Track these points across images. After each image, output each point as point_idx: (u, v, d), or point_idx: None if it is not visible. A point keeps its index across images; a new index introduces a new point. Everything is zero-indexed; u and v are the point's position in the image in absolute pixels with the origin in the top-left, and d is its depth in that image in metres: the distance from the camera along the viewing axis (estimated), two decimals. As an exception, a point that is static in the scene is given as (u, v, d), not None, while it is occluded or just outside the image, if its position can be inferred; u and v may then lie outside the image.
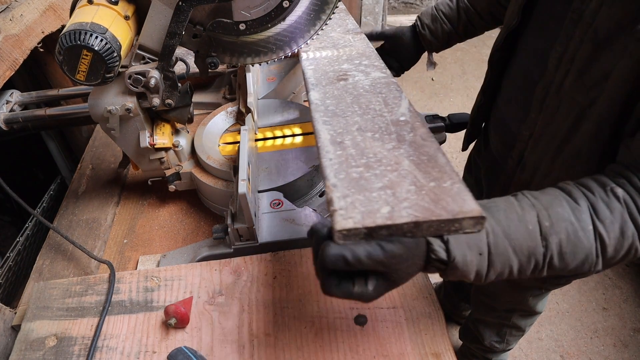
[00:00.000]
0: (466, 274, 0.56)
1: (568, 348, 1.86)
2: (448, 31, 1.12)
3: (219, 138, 1.18)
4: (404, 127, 0.70)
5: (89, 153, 1.33)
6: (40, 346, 0.80)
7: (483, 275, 0.57)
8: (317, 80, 0.88)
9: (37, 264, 1.02)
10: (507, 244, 0.56)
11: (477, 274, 0.57)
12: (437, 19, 1.12)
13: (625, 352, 1.84)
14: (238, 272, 0.88)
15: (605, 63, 0.68)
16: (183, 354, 0.75)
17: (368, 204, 0.55)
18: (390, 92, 0.81)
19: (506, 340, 1.44)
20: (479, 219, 0.51)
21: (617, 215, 0.58)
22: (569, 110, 0.76)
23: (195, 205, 1.15)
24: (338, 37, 1.08)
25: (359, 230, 0.52)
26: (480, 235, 0.56)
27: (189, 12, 0.86)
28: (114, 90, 0.96)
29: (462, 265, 0.55)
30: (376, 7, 3.37)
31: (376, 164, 0.62)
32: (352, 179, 0.60)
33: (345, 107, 0.77)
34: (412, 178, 0.59)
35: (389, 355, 0.75)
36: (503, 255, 0.56)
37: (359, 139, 0.68)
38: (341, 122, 0.73)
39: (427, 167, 0.60)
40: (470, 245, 0.55)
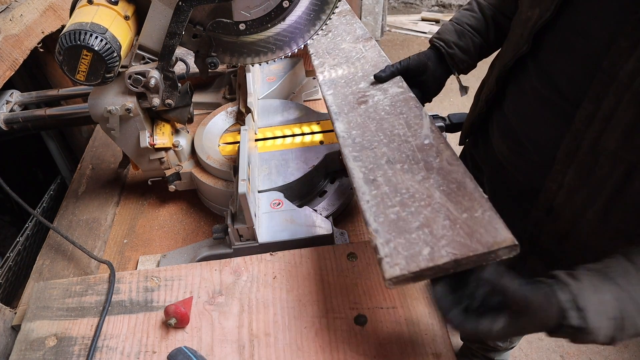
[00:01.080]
0: (597, 339, 0.58)
1: (568, 348, 1.86)
2: (480, 44, 0.99)
3: (219, 138, 1.18)
4: (430, 151, 0.72)
5: (89, 153, 1.33)
6: (40, 346, 0.80)
7: (614, 338, 0.59)
8: (339, 107, 0.89)
9: (37, 264, 1.02)
10: (633, 307, 0.58)
11: (606, 337, 0.58)
12: (464, 34, 0.99)
13: (625, 352, 1.84)
14: (238, 272, 0.88)
15: None
16: (183, 354, 0.75)
17: (409, 247, 0.59)
18: (411, 110, 0.83)
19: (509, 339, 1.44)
20: (513, 247, 0.55)
21: None
22: (613, 165, 0.73)
23: (195, 205, 1.15)
24: (349, 49, 1.08)
25: (405, 276, 0.56)
26: (611, 303, 0.58)
27: (189, 12, 0.86)
28: (114, 90, 0.96)
29: (596, 332, 0.57)
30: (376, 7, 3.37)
31: (410, 200, 0.65)
32: (390, 221, 0.63)
33: (371, 136, 0.79)
34: (445, 211, 0.62)
35: (389, 355, 0.75)
36: (632, 319, 0.58)
37: (389, 173, 0.71)
38: (370, 156, 0.75)
39: (458, 196, 0.63)
40: (607, 312, 0.58)
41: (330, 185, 1.10)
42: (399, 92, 0.88)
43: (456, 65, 1.00)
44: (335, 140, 1.12)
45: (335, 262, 0.87)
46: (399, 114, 0.83)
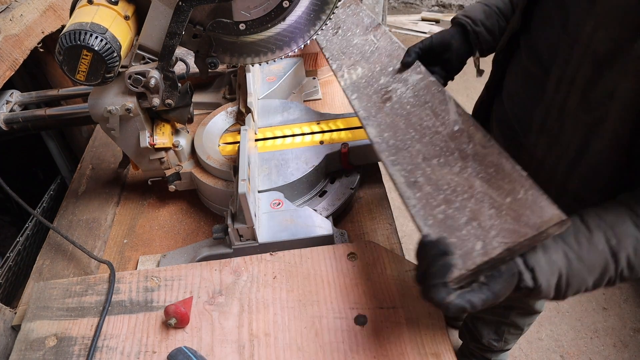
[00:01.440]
0: (547, 295, 0.62)
1: (568, 348, 1.86)
2: (504, 28, 0.97)
3: (219, 138, 1.18)
4: (461, 138, 0.72)
5: (89, 153, 1.33)
6: (40, 346, 0.80)
7: (561, 294, 0.63)
8: (367, 111, 0.89)
9: (37, 264, 1.02)
10: (581, 266, 0.61)
11: (556, 294, 0.62)
12: (492, 15, 0.98)
13: (625, 352, 1.84)
14: (238, 272, 0.88)
15: (608, 82, 0.68)
16: (183, 354, 0.75)
17: (462, 244, 0.59)
18: (434, 96, 0.82)
19: (504, 338, 1.43)
20: (562, 222, 0.55)
21: None
22: (574, 130, 0.76)
23: (195, 205, 1.15)
24: (362, 43, 1.08)
25: (465, 275, 0.57)
26: (560, 260, 0.61)
27: (189, 12, 0.86)
28: (114, 90, 0.96)
29: (545, 289, 0.61)
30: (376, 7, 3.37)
31: (453, 195, 0.65)
32: (439, 221, 0.64)
33: (402, 135, 0.79)
34: (488, 200, 0.62)
35: (389, 355, 0.75)
36: (579, 277, 0.62)
37: (428, 171, 0.71)
38: (406, 157, 0.75)
39: (498, 180, 0.63)
40: (553, 271, 0.61)
41: (330, 185, 1.10)
42: (418, 79, 0.87)
43: (479, 45, 0.98)
44: (335, 140, 1.12)
45: (335, 262, 0.87)
46: (424, 104, 0.82)
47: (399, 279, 0.85)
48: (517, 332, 1.41)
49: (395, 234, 1.01)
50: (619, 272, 0.62)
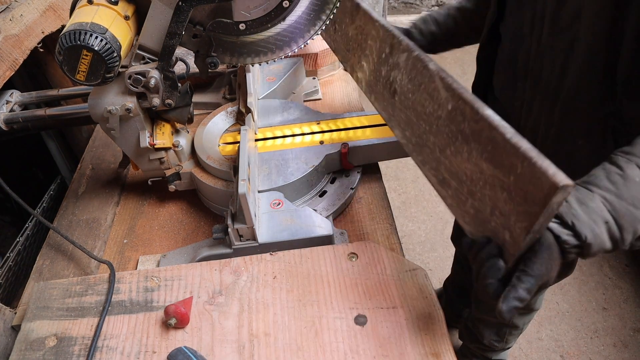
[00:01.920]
0: (603, 245, 0.59)
1: (568, 348, 1.86)
2: (433, 32, 1.17)
3: (219, 138, 1.18)
4: (457, 117, 0.70)
5: (89, 153, 1.33)
6: (40, 346, 0.80)
7: (618, 240, 0.59)
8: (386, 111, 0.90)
9: (37, 264, 1.02)
10: (625, 204, 0.59)
11: (613, 241, 0.59)
12: (427, 21, 1.18)
13: (625, 352, 1.83)
14: (238, 272, 0.88)
15: (572, 5, 0.74)
16: (183, 354, 0.75)
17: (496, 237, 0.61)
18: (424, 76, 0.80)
19: (505, 339, 1.44)
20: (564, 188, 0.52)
21: None
22: (552, 60, 0.82)
23: (195, 205, 1.15)
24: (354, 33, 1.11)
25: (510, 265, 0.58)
26: (599, 207, 0.59)
27: (189, 12, 0.86)
28: (114, 90, 0.96)
29: (594, 239, 0.58)
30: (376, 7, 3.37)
31: (472, 185, 0.66)
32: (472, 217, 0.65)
33: (418, 129, 0.80)
34: (498, 182, 0.61)
35: (389, 355, 0.75)
36: (628, 216, 0.59)
37: (447, 164, 0.71)
38: (428, 153, 0.76)
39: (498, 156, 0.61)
40: (595, 220, 0.59)
41: (330, 185, 1.10)
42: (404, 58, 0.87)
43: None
44: (335, 140, 1.12)
45: (335, 262, 0.87)
46: (419, 88, 0.81)
47: (399, 279, 0.85)
48: (517, 331, 1.42)
49: (395, 234, 1.01)
50: None
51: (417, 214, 2.44)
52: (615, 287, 2.06)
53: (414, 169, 2.69)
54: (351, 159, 1.10)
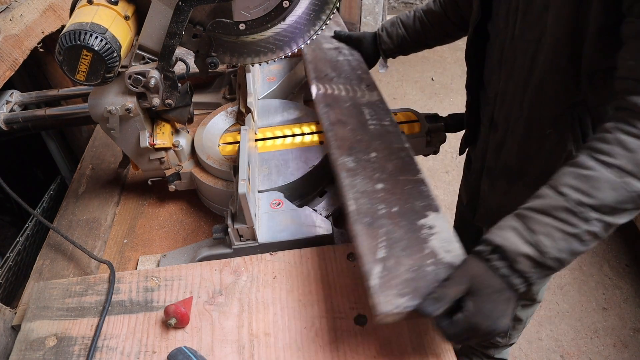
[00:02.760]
0: (516, 248, 0.63)
1: (568, 348, 1.86)
2: (402, 35, 1.21)
3: (219, 138, 1.18)
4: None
5: (89, 153, 1.33)
6: (40, 346, 0.80)
7: (534, 243, 0.63)
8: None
9: (37, 264, 1.02)
10: (531, 212, 0.64)
11: (531, 245, 0.63)
12: (394, 24, 1.23)
13: (625, 352, 1.83)
14: (238, 272, 0.88)
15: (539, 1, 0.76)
16: (183, 354, 0.75)
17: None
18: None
19: (509, 334, 1.44)
20: (383, 316, 0.65)
21: (615, 140, 0.63)
22: (524, 52, 0.85)
23: (195, 205, 1.15)
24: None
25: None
26: (507, 219, 0.66)
27: (189, 12, 0.86)
28: (114, 90, 0.96)
29: (504, 242, 0.64)
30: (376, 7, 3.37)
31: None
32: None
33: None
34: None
35: (389, 355, 0.75)
36: (535, 220, 0.64)
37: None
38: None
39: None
40: (502, 227, 0.66)
41: (330, 185, 1.10)
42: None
43: (380, 45, 1.25)
44: (335, 140, 1.13)
45: (335, 262, 0.87)
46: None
47: (399, 279, 0.85)
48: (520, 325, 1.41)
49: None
50: (575, 199, 0.62)
51: (417, 214, 2.44)
52: (615, 287, 2.06)
53: (414, 169, 2.69)
54: (351, 159, 1.10)
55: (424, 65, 3.59)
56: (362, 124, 0.96)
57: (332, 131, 0.94)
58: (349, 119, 0.98)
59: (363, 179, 0.82)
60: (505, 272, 0.63)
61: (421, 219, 0.76)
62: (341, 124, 0.96)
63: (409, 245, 0.71)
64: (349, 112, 1.00)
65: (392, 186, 0.81)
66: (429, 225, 0.75)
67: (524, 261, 0.62)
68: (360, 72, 1.16)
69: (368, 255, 0.69)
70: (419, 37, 1.21)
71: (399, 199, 0.79)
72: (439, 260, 0.69)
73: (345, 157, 0.87)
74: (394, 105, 3.18)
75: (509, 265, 0.63)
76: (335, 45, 1.29)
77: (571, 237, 0.62)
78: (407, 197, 0.79)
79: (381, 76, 3.44)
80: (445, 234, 0.74)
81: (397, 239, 0.72)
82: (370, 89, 1.09)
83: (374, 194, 0.80)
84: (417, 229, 0.74)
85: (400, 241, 0.72)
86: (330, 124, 0.96)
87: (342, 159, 0.86)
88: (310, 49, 1.27)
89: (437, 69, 3.54)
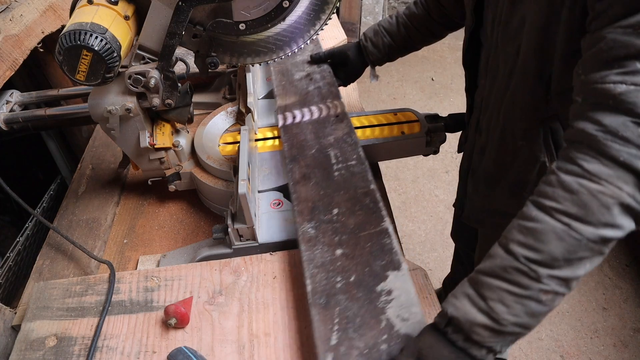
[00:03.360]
0: (470, 317, 0.58)
1: (568, 348, 1.86)
2: (388, 44, 1.20)
3: (219, 138, 1.18)
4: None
5: (89, 153, 1.33)
6: (40, 346, 0.80)
7: (488, 310, 0.58)
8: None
9: (37, 264, 1.02)
10: (482, 277, 0.60)
11: (485, 314, 0.58)
12: (378, 33, 1.21)
13: (625, 352, 1.83)
14: (238, 272, 0.88)
15: (521, 10, 0.76)
16: (183, 354, 0.75)
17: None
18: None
19: None
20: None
21: (557, 181, 0.58)
22: (505, 63, 0.85)
23: (195, 205, 1.15)
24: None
25: None
26: (463, 284, 0.62)
27: (189, 12, 0.86)
28: (114, 90, 0.96)
29: (456, 312, 0.59)
30: (376, 7, 3.37)
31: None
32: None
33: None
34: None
35: (389, 355, 0.75)
36: (487, 285, 0.59)
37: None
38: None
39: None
40: (456, 295, 0.61)
41: (330, 185, 1.10)
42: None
43: (368, 56, 1.23)
44: (335, 140, 1.12)
45: (335, 262, 0.87)
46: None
47: (399, 279, 0.85)
48: None
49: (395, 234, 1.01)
50: (524, 256, 0.57)
51: (417, 214, 2.44)
52: (615, 287, 2.06)
53: (414, 169, 2.69)
54: (351, 159, 1.10)
55: (424, 65, 3.59)
56: (328, 173, 0.93)
57: (295, 193, 0.91)
58: (314, 170, 0.95)
59: (322, 248, 0.80)
60: (462, 345, 0.59)
61: (380, 282, 0.73)
62: (305, 180, 0.93)
63: (363, 323, 0.69)
64: (314, 161, 0.97)
65: (352, 249, 0.79)
66: (388, 289, 0.72)
67: (481, 331, 0.57)
68: (330, 100, 1.13)
69: (320, 345, 0.68)
70: (406, 43, 1.20)
71: (358, 263, 0.77)
72: (395, 334, 0.67)
73: (307, 224, 0.85)
74: (394, 105, 3.18)
75: (465, 337, 0.58)
76: (306, 72, 1.25)
77: (526, 300, 0.56)
78: (367, 259, 0.77)
79: (381, 76, 3.45)
80: (404, 297, 0.71)
81: (351, 317, 0.70)
82: (339, 119, 1.06)
83: (333, 264, 0.78)
84: (375, 298, 0.72)
85: (355, 319, 0.70)
86: (294, 183, 0.93)
87: (303, 227, 0.84)
88: (279, 81, 1.24)
89: (437, 69, 3.54)
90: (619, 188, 0.54)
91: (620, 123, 0.55)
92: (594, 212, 0.55)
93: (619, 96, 0.55)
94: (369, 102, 3.20)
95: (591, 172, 0.56)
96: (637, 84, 0.55)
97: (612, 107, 0.56)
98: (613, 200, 0.54)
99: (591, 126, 0.57)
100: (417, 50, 1.25)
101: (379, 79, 1.07)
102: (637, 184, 0.54)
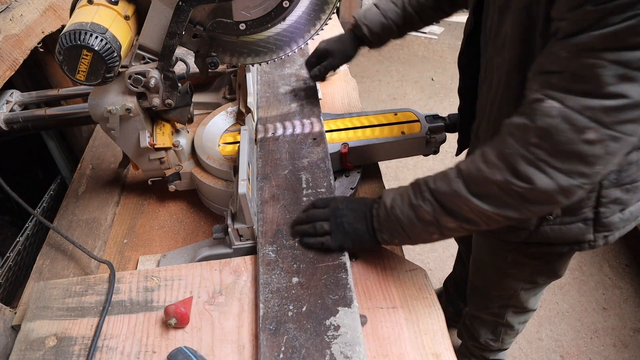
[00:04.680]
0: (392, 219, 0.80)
1: (568, 348, 1.86)
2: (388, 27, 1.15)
3: (219, 138, 1.18)
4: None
5: (89, 153, 1.33)
6: (40, 346, 0.80)
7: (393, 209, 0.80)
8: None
9: (37, 264, 1.02)
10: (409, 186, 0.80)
11: (396, 217, 0.79)
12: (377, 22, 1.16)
13: (625, 352, 1.84)
14: (238, 272, 0.88)
15: (506, 24, 0.78)
16: (183, 354, 0.75)
17: None
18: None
19: (501, 339, 1.44)
20: None
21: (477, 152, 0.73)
22: (498, 71, 0.86)
23: (195, 205, 1.15)
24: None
25: None
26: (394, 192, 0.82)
27: (189, 12, 0.86)
28: (114, 90, 0.96)
29: (387, 202, 0.82)
30: (376, 7, 3.37)
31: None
32: None
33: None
34: None
35: (389, 355, 0.75)
36: (404, 191, 0.80)
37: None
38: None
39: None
40: (390, 197, 0.82)
41: (330, 185, 1.10)
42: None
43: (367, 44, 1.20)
44: (335, 140, 1.12)
45: (335, 262, 0.87)
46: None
47: (398, 279, 0.85)
48: (512, 332, 1.42)
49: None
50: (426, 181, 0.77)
51: (417, 214, 2.44)
52: (615, 287, 2.06)
53: (414, 169, 2.69)
54: (351, 159, 1.10)
55: (424, 65, 3.59)
56: (297, 197, 0.94)
57: (262, 213, 0.92)
58: (284, 192, 0.95)
59: (280, 273, 0.81)
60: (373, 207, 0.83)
61: (330, 317, 0.74)
62: (274, 200, 0.93)
63: (308, 355, 0.70)
64: (285, 182, 0.97)
65: (309, 279, 0.80)
66: (336, 324, 0.73)
67: (382, 207, 0.81)
68: (312, 120, 1.13)
69: None
70: (413, 21, 1.16)
71: (311, 294, 0.77)
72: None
73: (268, 246, 0.85)
74: (394, 105, 3.18)
75: (377, 206, 0.82)
76: (292, 87, 1.25)
77: (411, 207, 0.78)
78: (321, 291, 0.78)
79: (381, 76, 3.45)
80: (350, 334, 0.72)
81: (297, 348, 0.70)
82: (316, 142, 1.06)
83: (288, 291, 0.78)
84: (323, 331, 0.72)
85: (301, 349, 0.70)
86: (262, 202, 0.94)
87: (264, 249, 0.85)
88: (264, 92, 1.24)
89: (437, 69, 3.54)
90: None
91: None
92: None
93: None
94: (369, 102, 3.21)
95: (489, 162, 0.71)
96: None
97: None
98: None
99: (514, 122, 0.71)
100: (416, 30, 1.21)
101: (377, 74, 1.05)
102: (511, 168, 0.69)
